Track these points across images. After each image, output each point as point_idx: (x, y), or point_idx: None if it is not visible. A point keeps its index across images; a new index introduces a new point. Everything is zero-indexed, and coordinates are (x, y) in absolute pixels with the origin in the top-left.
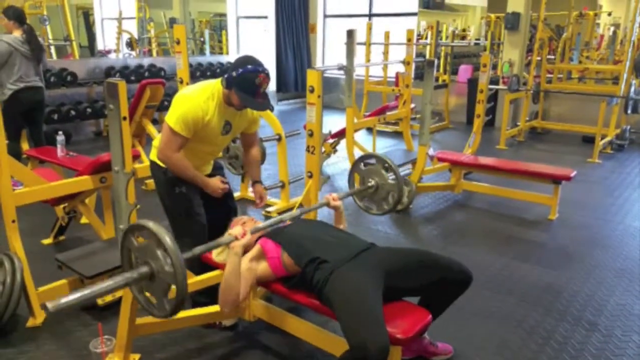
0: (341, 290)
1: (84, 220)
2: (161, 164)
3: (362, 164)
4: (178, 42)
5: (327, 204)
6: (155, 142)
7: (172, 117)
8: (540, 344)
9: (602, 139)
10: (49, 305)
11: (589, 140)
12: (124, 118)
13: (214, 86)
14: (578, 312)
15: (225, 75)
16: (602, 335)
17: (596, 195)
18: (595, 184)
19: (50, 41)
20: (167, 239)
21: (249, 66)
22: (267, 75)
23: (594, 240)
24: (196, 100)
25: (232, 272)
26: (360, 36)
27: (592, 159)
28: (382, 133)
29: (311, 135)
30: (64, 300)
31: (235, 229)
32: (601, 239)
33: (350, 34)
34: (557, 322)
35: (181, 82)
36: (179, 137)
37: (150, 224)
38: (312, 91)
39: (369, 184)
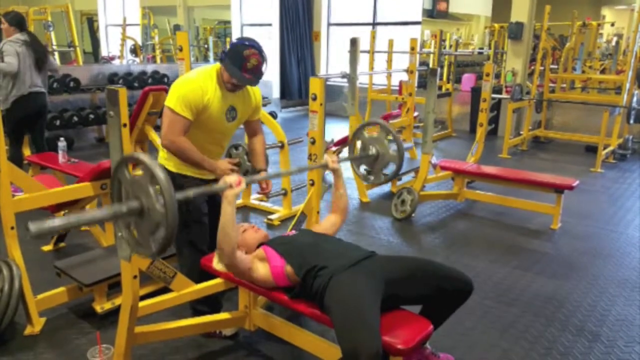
0: (338, 295)
1: (84, 227)
2: (168, 168)
3: (365, 130)
4: (181, 49)
5: (326, 165)
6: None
7: (172, 99)
8: (542, 355)
9: (604, 148)
10: (31, 226)
11: (592, 149)
12: (124, 125)
13: (213, 67)
14: (580, 322)
15: (222, 51)
16: (605, 345)
17: (599, 204)
18: (597, 194)
19: (55, 47)
20: (162, 175)
21: (245, 41)
22: (259, 52)
23: (597, 250)
24: (194, 81)
25: (228, 221)
26: (364, 44)
27: (595, 169)
28: None
29: (313, 143)
30: (47, 224)
31: (230, 177)
32: (603, 249)
33: (354, 42)
34: (560, 333)
35: None
36: (180, 119)
37: (146, 158)
38: (314, 99)
39: (370, 152)
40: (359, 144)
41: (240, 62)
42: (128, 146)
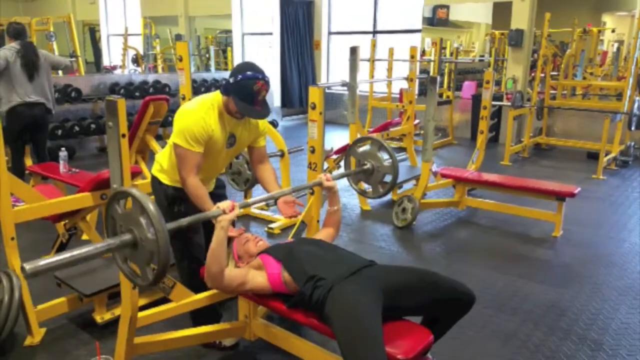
0: (339, 307)
1: (85, 237)
2: (162, 180)
3: (357, 147)
4: (181, 59)
5: (320, 184)
6: (158, 157)
7: (179, 136)
8: None
9: (606, 155)
10: (27, 266)
11: (594, 156)
12: (123, 135)
13: (213, 97)
14: (582, 331)
15: (224, 82)
16: (607, 355)
17: (601, 212)
18: (599, 201)
19: None
20: (150, 206)
21: (248, 73)
22: (266, 83)
23: (599, 257)
24: (198, 114)
25: (218, 245)
26: (365, 53)
27: (597, 176)
28: None
29: (313, 152)
30: (42, 262)
31: (223, 203)
32: (606, 256)
33: (354, 50)
34: (561, 341)
35: (183, 98)
36: (191, 154)
37: (134, 191)
38: (314, 108)
39: (365, 166)
40: (354, 160)
41: (251, 98)
42: (127, 156)
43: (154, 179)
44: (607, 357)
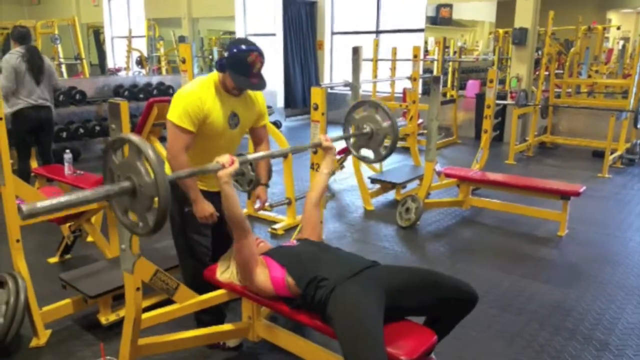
0: (341, 308)
1: (90, 238)
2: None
3: (355, 113)
4: (184, 61)
5: (319, 144)
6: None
7: (174, 113)
8: None
9: (612, 153)
10: (24, 207)
11: (599, 154)
12: None
13: (210, 76)
14: (588, 331)
15: (219, 58)
16: (613, 354)
17: (607, 210)
18: (605, 200)
19: (62, 60)
20: (149, 151)
21: (242, 46)
22: (261, 55)
23: (605, 257)
24: (193, 92)
25: (230, 201)
26: (368, 53)
27: (602, 174)
28: None
29: (315, 152)
30: (40, 204)
31: (222, 157)
32: (612, 255)
33: (356, 50)
34: (567, 341)
35: None
36: (183, 132)
37: (131, 136)
38: (316, 108)
39: (364, 130)
40: (351, 129)
41: (246, 70)
42: None
43: None
44: (613, 357)
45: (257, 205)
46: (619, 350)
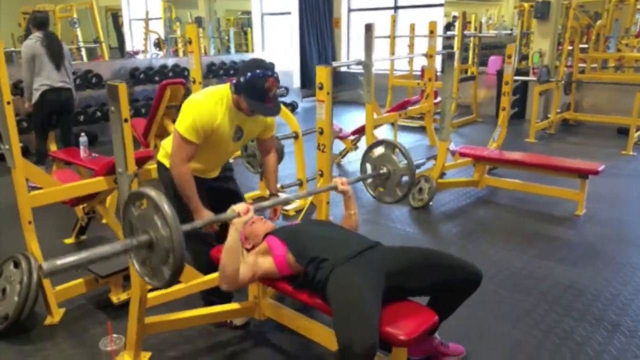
0: (337, 287)
1: (104, 220)
2: (168, 165)
3: (371, 152)
4: (190, 42)
5: (335, 188)
6: (164, 143)
7: (182, 124)
8: (557, 345)
9: (637, 130)
10: (44, 265)
11: (624, 132)
12: (125, 120)
13: (222, 91)
14: (600, 312)
15: (234, 80)
16: (625, 336)
17: (628, 189)
18: (628, 178)
19: (81, 44)
20: (165, 206)
21: (257, 70)
22: (276, 79)
23: (623, 237)
24: (205, 105)
25: (231, 248)
26: (385, 29)
27: (627, 152)
28: (406, 128)
29: (322, 133)
30: (59, 262)
31: (238, 205)
32: (631, 236)
33: (369, 28)
34: (577, 322)
35: (194, 82)
36: (188, 144)
37: (149, 191)
38: (321, 88)
39: (381, 171)
40: (368, 167)
41: (262, 95)
42: (130, 141)
43: (160, 165)
44: (624, 339)
45: (272, 215)
46: (630, 332)
